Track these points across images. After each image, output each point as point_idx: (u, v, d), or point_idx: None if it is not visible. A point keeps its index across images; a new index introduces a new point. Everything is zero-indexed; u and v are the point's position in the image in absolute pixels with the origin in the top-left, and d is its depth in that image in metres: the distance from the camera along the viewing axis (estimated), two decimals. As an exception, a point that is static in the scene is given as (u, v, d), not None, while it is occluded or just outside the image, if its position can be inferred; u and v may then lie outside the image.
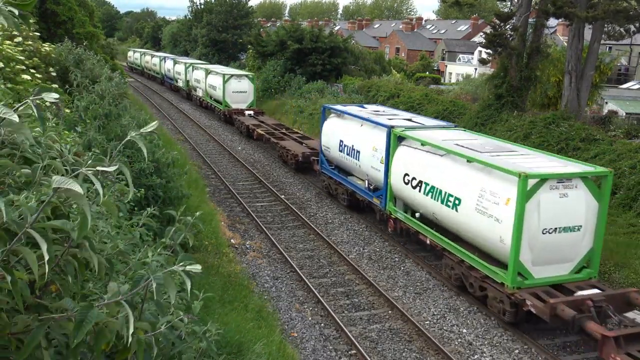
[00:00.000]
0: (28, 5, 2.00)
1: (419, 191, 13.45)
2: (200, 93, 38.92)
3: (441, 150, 12.96)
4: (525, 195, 10.16)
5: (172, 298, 2.22)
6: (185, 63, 43.76)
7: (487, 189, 11.18)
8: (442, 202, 12.54)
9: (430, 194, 13.02)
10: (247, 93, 33.21)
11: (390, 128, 14.90)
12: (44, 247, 1.74)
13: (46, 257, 1.75)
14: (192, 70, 40.97)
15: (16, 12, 1.93)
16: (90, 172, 1.93)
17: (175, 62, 47.62)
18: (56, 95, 1.98)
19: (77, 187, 1.79)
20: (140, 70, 64.01)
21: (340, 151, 17.91)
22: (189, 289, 2.22)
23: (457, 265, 12.11)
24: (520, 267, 10.52)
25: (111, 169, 1.97)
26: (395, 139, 14.70)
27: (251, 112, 31.73)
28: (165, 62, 52.30)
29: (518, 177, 10.18)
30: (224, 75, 33.08)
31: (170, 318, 2.39)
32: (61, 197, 1.97)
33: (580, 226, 10.70)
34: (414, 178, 13.73)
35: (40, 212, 1.86)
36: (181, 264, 2.24)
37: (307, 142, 24.70)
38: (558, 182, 10.51)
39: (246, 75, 34.13)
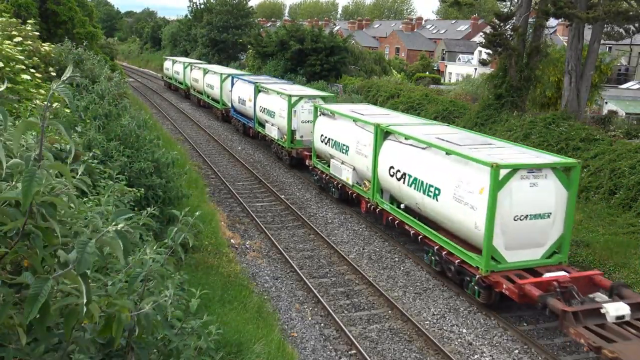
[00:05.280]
0: None
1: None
2: (347, 176, 17.19)
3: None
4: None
5: (121, 258, 2.18)
6: (290, 95, 21.84)
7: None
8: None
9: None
10: (550, 220, 11.24)
11: None
12: None
13: None
14: (319, 116, 19.34)
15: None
16: None
17: (259, 89, 25.28)
18: None
19: None
20: (185, 91, 43.01)
21: None
22: (121, 249, 2.17)
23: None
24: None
25: None
26: None
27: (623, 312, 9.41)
28: (233, 84, 29.51)
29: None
30: (494, 170, 10.49)
31: (155, 298, 2.36)
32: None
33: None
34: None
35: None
36: (114, 222, 2.17)
37: None
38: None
39: (553, 167, 11.12)
